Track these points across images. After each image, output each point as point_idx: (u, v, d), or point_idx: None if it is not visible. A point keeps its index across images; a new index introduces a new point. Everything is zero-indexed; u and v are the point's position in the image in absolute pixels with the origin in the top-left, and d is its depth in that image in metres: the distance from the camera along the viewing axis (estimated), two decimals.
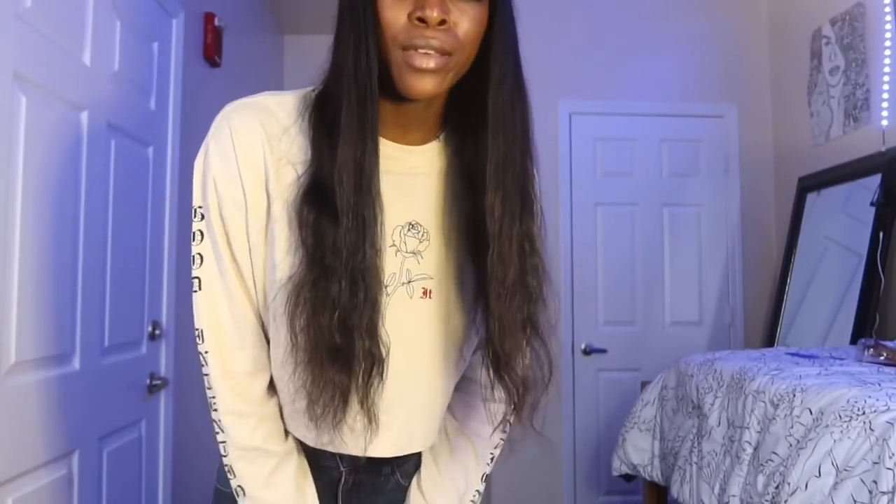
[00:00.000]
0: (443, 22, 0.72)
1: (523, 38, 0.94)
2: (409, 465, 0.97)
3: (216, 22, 2.45)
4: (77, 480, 1.52)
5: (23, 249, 1.31)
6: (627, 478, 2.50)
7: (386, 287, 0.81)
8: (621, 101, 3.51)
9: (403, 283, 0.83)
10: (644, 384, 2.58)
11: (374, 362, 0.77)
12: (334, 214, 0.74)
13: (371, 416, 0.79)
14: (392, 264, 0.82)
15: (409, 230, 0.84)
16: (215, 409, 0.84)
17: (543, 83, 3.53)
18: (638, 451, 2.39)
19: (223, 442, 0.85)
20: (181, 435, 2.15)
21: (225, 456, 0.85)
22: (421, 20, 0.71)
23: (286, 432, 0.89)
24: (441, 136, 0.86)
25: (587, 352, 3.41)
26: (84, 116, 1.54)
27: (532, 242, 0.80)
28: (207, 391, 0.85)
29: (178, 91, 2.10)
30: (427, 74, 0.73)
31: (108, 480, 1.67)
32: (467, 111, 0.82)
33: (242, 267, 0.83)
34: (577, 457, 3.39)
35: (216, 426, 0.85)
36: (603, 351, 3.40)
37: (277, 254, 0.80)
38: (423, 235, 0.84)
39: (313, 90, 0.82)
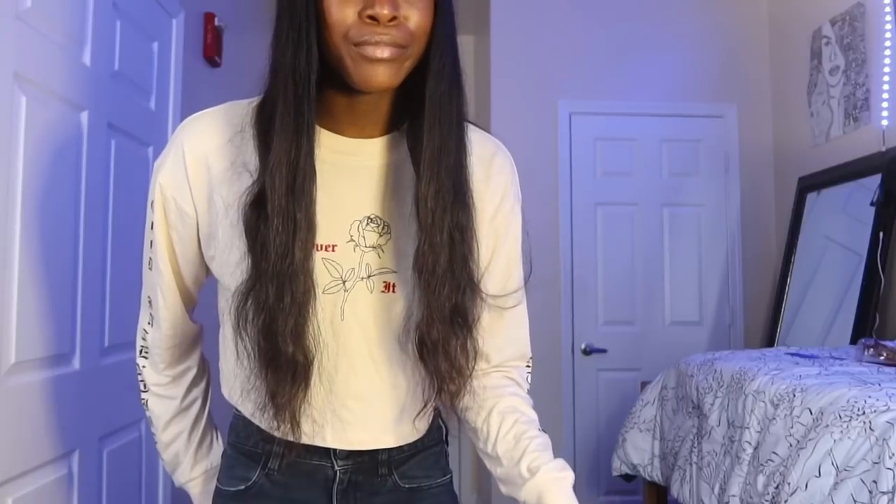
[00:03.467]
0: (394, 18, 0.71)
1: (524, 38, 0.94)
2: (409, 466, 0.95)
3: (216, 22, 2.45)
4: (77, 480, 1.52)
5: (23, 249, 1.31)
6: (627, 478, 2.50)
7: (344, 282, 0.82)
8: (621, 101, 3.51)
9: (363, 278, 0.83)
10: (644, 384, 2.58)
11: (297, 368, 0.77)
12: (267, 218, 0.75)
13: (294, 422, 0.80)
14: (350, 259, 0.82)
15: (367, 224, 0.83)
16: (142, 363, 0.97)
17: (543, 83, 3.53)
18: (638, 451, 2.39)
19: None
20: None
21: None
22: (372, 18, 0.71)
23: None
24: (403, 127, 0.85)
25: (587, 352, 3.41)
26: (84, 116, 1.54)
27: (462, 233, 0.80)
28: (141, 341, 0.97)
29: (178, 91, 2.10)
30: (383, 64, 0.73)
31: (108, 480, 1.67)
32: (411, 102, 0.82)
33: (176, 269, 0.89)
34: (577, 457, 3.39)
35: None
36: (603, 351, 3.40)
37: (232, 262, 0.81)
38: (382, 229, 0.84)
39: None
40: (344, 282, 0.82)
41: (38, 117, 1.35)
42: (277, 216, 0.74)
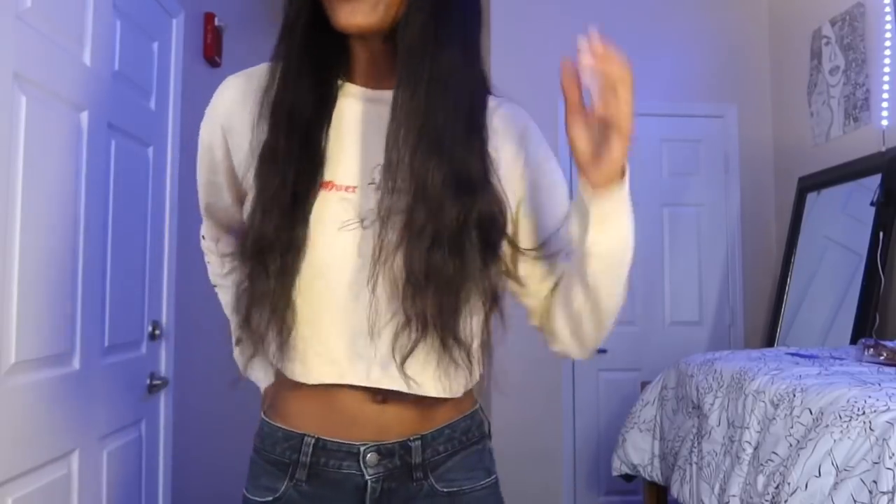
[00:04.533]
0: None
1: (524, 38, 0.96)
2: (447, 467, 0.89)
3: (216, 22, 2.46)
4: (77, 480, 1.52)
5: (23, 249, 1.31)
6: (627, 478, 2.50)
7: (362, 221, 0.84)
8: None
9: (382, 218, 0.83)
10: (644, 384, 2.58)
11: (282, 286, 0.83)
12: (275, 157, 0.84)
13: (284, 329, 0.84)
14: (370, 200, 0.84)
15: (388, 169, 0.86)
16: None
17: (543, 83, 3.53)
18: (638, 451, 2.39)
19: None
20: (181, 435, 2.15)
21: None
22: None
23: None
24: None
25: None
26: (84, 116, 1.54)
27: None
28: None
29: (178, 91, 2.10)
30: (353, 3, 0.79)
31: (108, 480, 1.67)
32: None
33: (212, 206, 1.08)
34: (577, 457, 3.39)
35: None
36: (603, 351, 3.40)
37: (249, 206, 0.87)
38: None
39: None
40: (362, 220, 0.84)
41: (38, 117, 1.35)
42: (281, 153, 0.82)
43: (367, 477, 0.86)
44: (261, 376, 1.02)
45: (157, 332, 1.95)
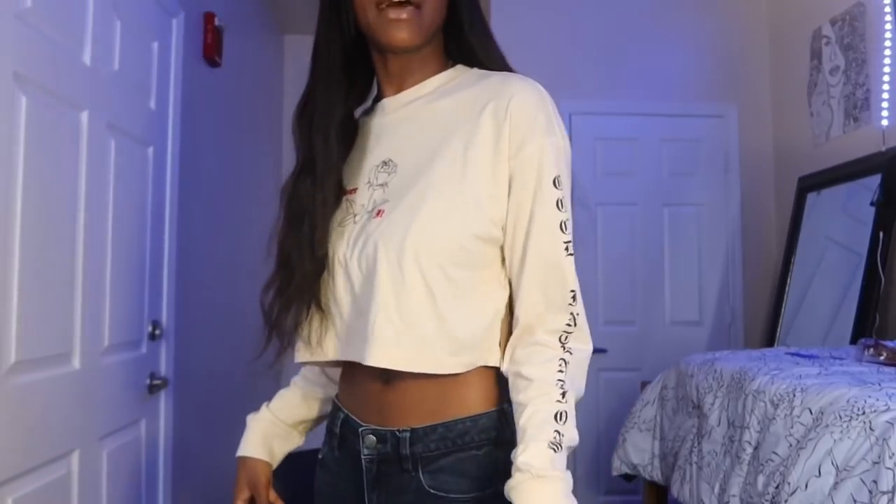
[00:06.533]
0: None
1: (523, 38, 0.98)
2: (440, 466, 0.88)
3: (216, 22, 2.45)
4: (77, 480, 1.52)
5: (23, 249, 1.31)
6: (627, 478, 2.50)
7: (355, 216, 0.93)
8: (621, 100, 3.51)
9: (368, 211, 0.92)
10: (644, 384, 2.58)
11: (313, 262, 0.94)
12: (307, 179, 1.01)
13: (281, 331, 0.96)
14: (363, 197, 0.94)
15: (382, 167, 0.95)
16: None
17: (544, 83, 3.52)
18: (638, 451, 2.39)
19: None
20: (181, 435, 2.15)
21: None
22: None
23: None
24: (437, 71, 0.99)
25: None
26: (84, 116, 1.54)
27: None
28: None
29: (178, 91, 2.10)
30: (402, 24, 0.89)
31: (108, 480, 1.67)
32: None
33: None
34: (577, 457, 3.39)
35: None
36: (603, 351, 3.40)
37: None
38: (391, 169, 0.94)
39: None
40: (355, 216, 0.93)
41: (38, 117, 1.35)
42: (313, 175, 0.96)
43: (363, 457, 0.92)
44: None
45: (157, 332, 1.95)
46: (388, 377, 0.90)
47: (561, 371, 0.84)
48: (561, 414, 0.82)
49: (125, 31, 1.73)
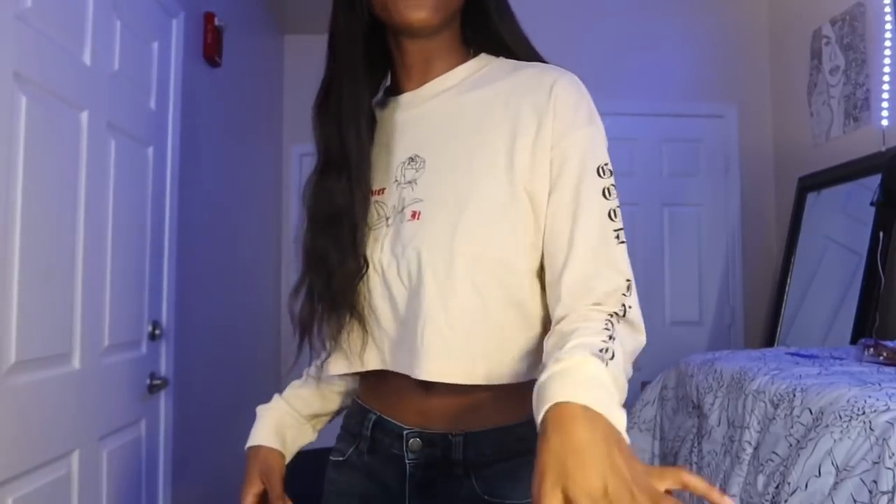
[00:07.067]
0: None
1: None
2: (494, 472, 0.84)
3: (216, 22, 2.45)
4: (77, 480, 1.52)
5: (23, 249, 1.31)
6: None
7: (387, 219, 0.87)
8: (621, 100, 3.51)
9: (399, 212, 0.87)
10: (644, 384, 2.58)
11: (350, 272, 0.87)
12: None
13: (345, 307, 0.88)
14: (393, 197, 0.88)
15: (408, 164, 0.89)
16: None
17: None
18: (638, 452, 2.39)
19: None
20: (181, 435, 2.15)
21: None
22: None
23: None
24: (459, 62, 0.93)
25: None
26: (84, 116, 1.54)
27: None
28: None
29: (178, 91, 2.10)
30: (420, 2, 0.82)
31: (108, 480, 1.67)
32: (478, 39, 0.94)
33: None
34: None
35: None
36: None
37: None
38: (419, 165, 0.88)
39: None
40: (387, 218, 0.87)
41: (38, 117, 1.35)
42: (341, 174, 0.88)
43: (407, 461, 0.87)
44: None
45: (157, 332, 1.95)
46: (431, 384, 0.84)
47: (608, 330, 0.71)
48: (607, 350, 0.66)
49: (125, 31, 1.73)
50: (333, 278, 0.86)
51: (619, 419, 0.58)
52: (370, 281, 0.87)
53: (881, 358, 1.88)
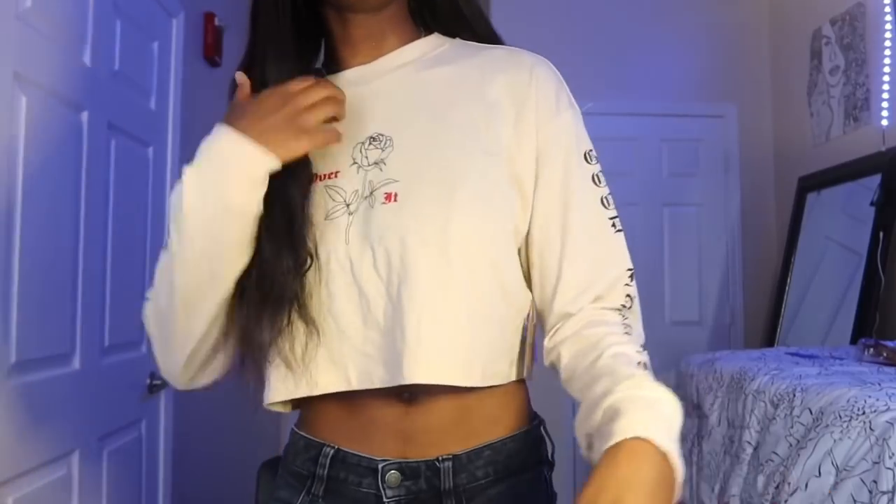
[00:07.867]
0: None
1: (523, 38, 0.95)
2: (488, 498, 0.76)
3: (216, 22, 2.45)
4: (77, 480, 1.52)
5: (23, 249, 1.30)
6: None
7: (348, 205, 0.76)
8: (621, 100, 3.51)
9: (365, 197, 0.76)
10: None
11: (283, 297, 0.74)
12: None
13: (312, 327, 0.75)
14: (354, 181, 0.77)
15: (369, 144, 0.79)
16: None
17: None
18: None
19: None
20: (181, 435, 2.15)
21: None
22: None
23: None
24: (417, 35, 0.87)
25: None
26: (84, 116, 1.54)
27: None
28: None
29: (178, 91, 2.10)
30: None
31: (108, 480, 1.67)
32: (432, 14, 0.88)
33: None
34: (578, 457, 3.39)
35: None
36: None
37: None
38: (384, 144, 0.78)
39: None
40: (348, 205, 0.76)
41: (38, 117, 1.35)
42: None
43: (386, 500, 0.74)
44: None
45: None
46: (414, 396, 0.74)
47: (628, 335, 0.74)
48: (645, 365, 0.70)
49: (125, 31, 1.73)
50: (269, 273, 0.73)
51: (680, 466, 0.62)
52: (332, 282, 0.74)
53: (881, 358, 1.88)
